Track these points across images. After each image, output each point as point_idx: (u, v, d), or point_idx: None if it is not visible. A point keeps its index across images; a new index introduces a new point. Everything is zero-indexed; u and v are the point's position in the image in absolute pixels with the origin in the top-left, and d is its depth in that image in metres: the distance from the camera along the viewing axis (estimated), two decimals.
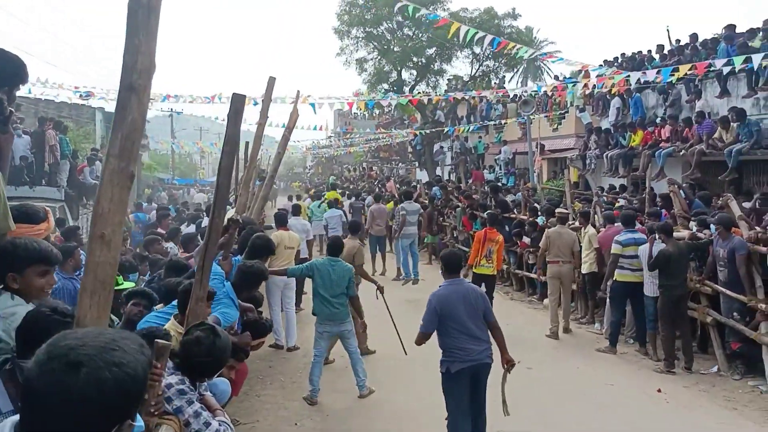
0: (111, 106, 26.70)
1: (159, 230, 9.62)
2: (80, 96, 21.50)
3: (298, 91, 10.74)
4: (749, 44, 12.24)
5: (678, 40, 15.93)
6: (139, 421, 1.75)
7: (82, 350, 1.31)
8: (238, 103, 3.53)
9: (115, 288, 5.17)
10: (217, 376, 4.17)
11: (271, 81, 7.30)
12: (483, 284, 10.00)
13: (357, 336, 7.29)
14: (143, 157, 33.27)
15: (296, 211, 11.78)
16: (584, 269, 9.87)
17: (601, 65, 16.58)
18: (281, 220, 9.47)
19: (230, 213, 7.81)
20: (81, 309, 1.88)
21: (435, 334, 5.20)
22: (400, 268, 13.57)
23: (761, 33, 12.74)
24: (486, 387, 5.21)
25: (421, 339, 5.23)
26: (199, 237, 8.19)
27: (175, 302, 4.47)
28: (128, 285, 5.82)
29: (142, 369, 1.36)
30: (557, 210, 10.87)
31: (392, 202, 16.32)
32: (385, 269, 14.33)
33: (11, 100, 2.90)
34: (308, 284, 7.85)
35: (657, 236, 8.04)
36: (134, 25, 2.05)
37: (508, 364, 5.23)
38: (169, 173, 38.21)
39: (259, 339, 5.50)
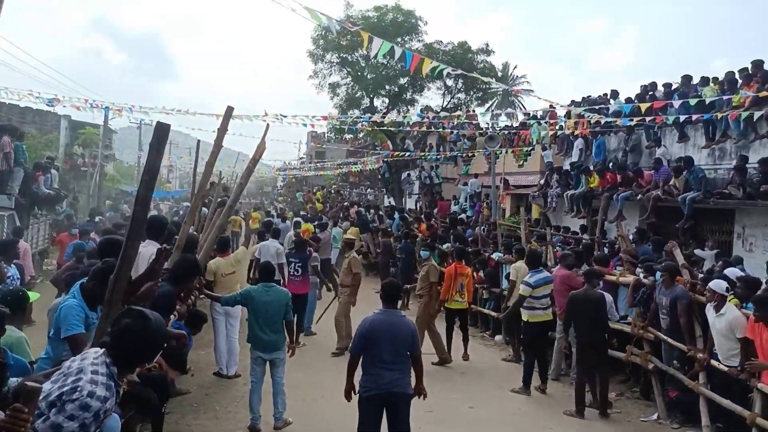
0: (77, 114, 26.33)
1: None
2: (46, 103, 21.11)
3: (268, 125, 10.59)
4: (702, 92, 12.61)
5: (645, 86, 16.18)
6: None
7: None
8: (161, 132, 3.43)
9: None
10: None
11: (229, 110, 7.12)
12: (457, 319, 10.11)
13: None
14: (107, 168, 32.72)
15: (275, 234, 12.03)
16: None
17: (568, 105, 16.78)
18: (222, 246, 9.02)
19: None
20: None
21: None
22: None
23: (711, 83, 13.19)
24: (406, 416, 5.38)
25: (350, 361, 5.51)
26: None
27: None
28: (35, 296, 5.67)
29: None
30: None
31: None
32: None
33: None
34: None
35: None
36: None
37: (419, 393, 5.58)
38: (134, 185, 37.58)
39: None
